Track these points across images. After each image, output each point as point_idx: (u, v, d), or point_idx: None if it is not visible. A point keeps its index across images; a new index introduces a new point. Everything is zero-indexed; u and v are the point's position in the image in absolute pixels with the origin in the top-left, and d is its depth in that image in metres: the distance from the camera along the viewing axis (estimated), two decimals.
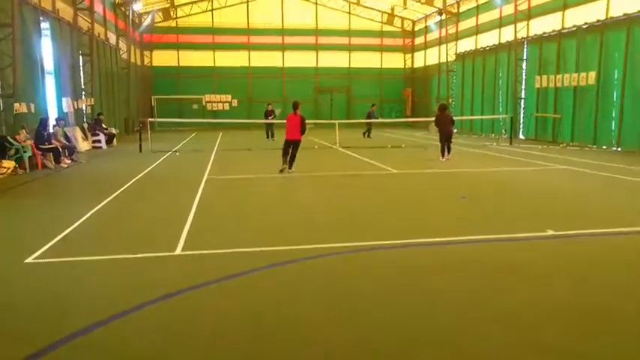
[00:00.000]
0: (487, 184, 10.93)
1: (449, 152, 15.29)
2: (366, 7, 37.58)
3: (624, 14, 18.18)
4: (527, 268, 5.39)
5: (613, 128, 18.91)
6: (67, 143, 15.96)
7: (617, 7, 18.90)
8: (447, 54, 32.30)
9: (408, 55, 39.84)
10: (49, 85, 17.82)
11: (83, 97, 21.65)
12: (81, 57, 21.69)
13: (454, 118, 16.77)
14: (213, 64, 37.01)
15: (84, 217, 7.70)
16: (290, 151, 12.62)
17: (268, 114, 24.11)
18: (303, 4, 37.70)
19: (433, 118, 17.02)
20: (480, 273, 5.20)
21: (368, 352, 3.58)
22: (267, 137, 23.55)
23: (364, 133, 24.81)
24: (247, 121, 31.12)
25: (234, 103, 36.95)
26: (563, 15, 21.99)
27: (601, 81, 19.28)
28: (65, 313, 4.26)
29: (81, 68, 21.75)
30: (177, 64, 36.63)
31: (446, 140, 15.25)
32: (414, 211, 8.42)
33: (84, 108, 21.69)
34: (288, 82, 37.53)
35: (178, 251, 5.96)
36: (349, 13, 38.24)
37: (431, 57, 36.18)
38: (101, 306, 4.36)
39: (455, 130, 15.72)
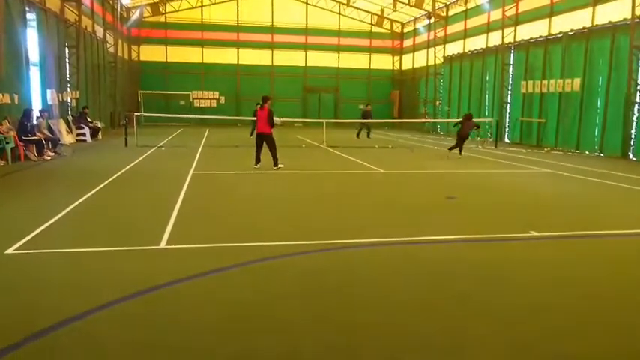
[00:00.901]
0: (472, 186, 11.04)
1: (460, 152, 16.29)
2: (356, 8, 37.69)
3: (609, 22, 18.50)
4: (509, 268, 5.46)
5: (596, 134, 19.23)
6: (50, 135, 15.76)
7: (602, 15, 19.23)
8: (435, 57, 32.54)
9: (397, 57, 40.04)
10: (34, 76, 17.58)
11: (68, 89, 21.41)
12: (67, 49, 21.45)
13: (436, 119, 17.06)
14: (201, 61, 36.83)
15: (66, 210, 7.61)
16: (262, 146, 12.81)
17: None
18: (293, 3, 37.68)
19: (423, 120, 17.17)
20: (463, 272, 5.26)
21: (351, 348, 3.61)
22: (251, 135, 23.52)
23: (359, 134, 24.79)
24: (234, 118, 31.00)
25: (222, 100, 36.83)
26: (549, 21, 22.30)
27: (585, 87, 19.59)
28: (44, 305, 4.20)
29: (67, 60, 21.50)
30: (165, 60, 36.37)
31: (462, 141, 16.24)
32: (400, 210, 8.47)
33: (69, 100, 21.45)
34: (277, 80, 37.50)
35: (163, 245, 5.93)
36: (339, 13, 38.31)
37: (419, 59, 36.41)
38: (82, 298, 4.32)
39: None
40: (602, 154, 18.54)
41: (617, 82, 18.03)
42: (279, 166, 12.68)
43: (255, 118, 23.37)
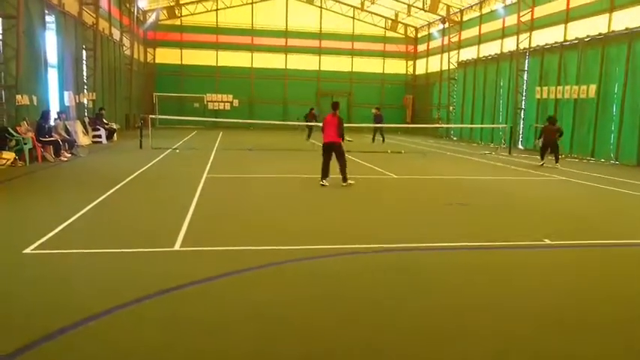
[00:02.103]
0: (486, 192, 10.98)
1: (556, 161, 16.09)
2: (370, 12, 37.73)
3: (626, 28, 18.31)
4: (523, 276, 5.43)
5: (612, 141, 19.02)
6: (67, 137, 15.99)
7: (619, 21, 19.04)
8: (449, 62, 32.45)
9: (410, 62, 40.01)
10: (52, 78, 17.85)
11: (85, 91, 21.70)
12: (84, 51, 21.76)
13: (444, 124, 16.93)
14: (215, 64, 37.12)
15: (83, 211, 7.72)
16: (331, 158, 11.02)
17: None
18: (308, 8, 37.85)
19: (437, 125, 17.10)
20: (477, 278, 5.25)
21: (371, 352, 3.62)
22: (308, 139, 24.33)
23: (374, 138, 24.83)
24: (249, 122, 31.20)
25: (236, 103, 37.06)
26: (565, 27, 22.12)
27: (601, 94, 19.39)
28: (61, 305, 4.28)
29: (84, 62, 21.80)
30: (180, 63, 36.73)
31: (550, 149, 16.13)
32: (411, 216, 8.46)
33: (85, 102, 21.73)
34: (290, 84, 37.66)
35: (177, 247, 6.00)
36: (353, 18, 38.40)
37: (433, 64, 36.32)
38: (98, 298, 4.39)
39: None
40: (617, 162, 18.33)
41: (634, 89, 17.83)
42: (350, 182, 10.97)
43: (309, 123, 23.01)
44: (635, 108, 17.64)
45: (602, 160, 19.08)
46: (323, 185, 10.84)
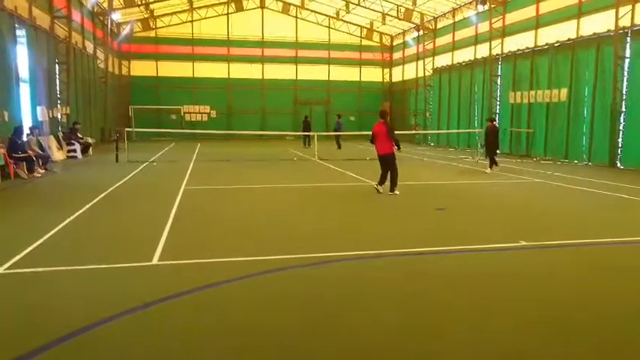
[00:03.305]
0: (462, 197, 11.12)
1: (495, 164, 15.46)
2: (346, 21, 38.06)
3: (594, 33, 18.84)
4: (500, 278, 5.50)
5: (584, 143, 19.47)
6: (40, 152, 15.68)
7: (587, 26, 19.58)
8: (424, 69, 32.88)
9: (387, 70, 40.41)
10: (24, 93, 17.54)
11: (59, 105, 21.36)
12: (57, 65, 21.44)
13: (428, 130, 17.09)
14: (192, 75, 36.92)
15: (57, 227, 7.58)
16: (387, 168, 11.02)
17: None
18: (283, 17, 37.99)
19: (414, 132, 17.24)
20: (453, 283, 5.30)
21: None
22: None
23: (339, 145, 25.20)
24: (226, 132, 31.03)
25: (213, 114, 36.88)
26: (535, 33, 22.64)
27: (572, 97, 19.87)
28: (36, 325, 4.18)
29: (57, 76, 21.48)
30: (155, 74, 36.42)
31: (492, 151, 15.48)
32: (391, 222, 8.51)
33: (59, 117, 21.38)
34: (268, 94, 37.67)
35: (155, 261, 5.92)
36: (329, 27, 38.66)
37: (409, 71, 36.75)
38: (74, 317, 4.30)
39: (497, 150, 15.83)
40: (590, 163, 18.76)
41: (603, 92, 18.32)
42: (396, 192, 10.99)
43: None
44: (605, 110, 18.12)
45: (576, 161, 19.51)
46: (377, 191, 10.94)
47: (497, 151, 15.65)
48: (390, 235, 7.52)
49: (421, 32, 32.82)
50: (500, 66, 25.17)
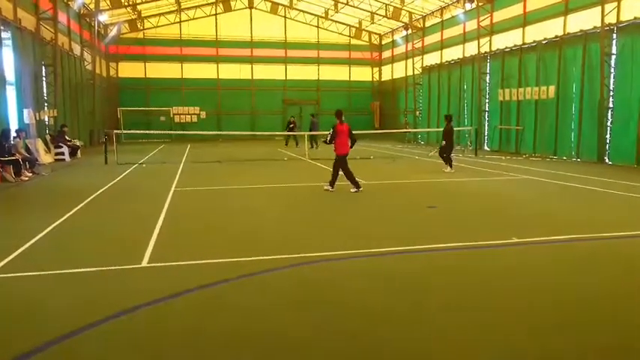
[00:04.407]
0: (453, 194, 11.14)
1: (450, 165, 15.21)
2: (334, 21, 38.05)
3: (580, 30, 18.98)
4: (493, 275, 5.51)
5: (572, 140, 19.61)
6: (27, 155, 15.49)
7: (573, 24, 19.74)
8: (413, 67, 32.97)
9: (376, 69, 40.47)
10: (10, 95, 17.32)
11: (46, 108, 21.13)
12: (44, 67, 21.21)
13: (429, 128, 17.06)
14: (181, 76, 36.71)
15: (45, 231, 7.48)
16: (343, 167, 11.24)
17: None
18: (272, 18, 37.89)
19: (404, 130, 17.23)
20: (447, 280, 5.29)
21: None
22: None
23: (313, 145, 24.59)
24: (216, 133, 30.89)
25: (203, 115, 36.69)
26: (523, 31, 22.79)
27: (560, 94, 20.01)
28: (24, 329, 4.11)
29: (44, 79, 21.25)
30: (144, 76, 36.17)
31: (449, 150, 15.18)
32: (383, 220, 8.50)
33: (46, 119, 21.15)
34: (257, 94, 37.57)
35: (144, 263, 5.86)
36: (317, 26, 38.63)
37: (398, 70, 36.83)
38: (63, 321, 4.24)
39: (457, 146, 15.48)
40: (579, 159, 18.90)
41: (591, 89, 18.47)
42: (331, 189, 11.32)
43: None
44: (593, 107, 18.27)
45: (565, 157, 19.65)
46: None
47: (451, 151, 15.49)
48: (383, 234, 7.51)
49: (410, 31, 32.90)
50: (488, 64, 25.30)
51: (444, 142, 15.24)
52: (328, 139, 11.62)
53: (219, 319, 4.30)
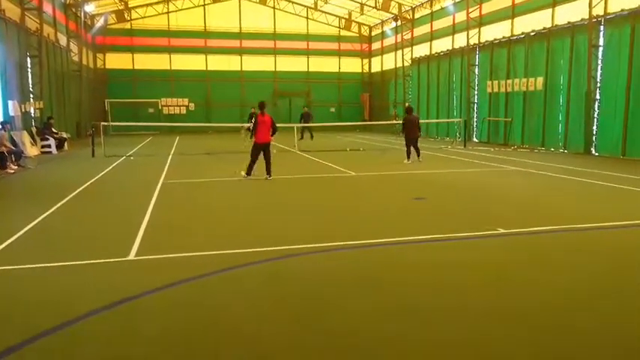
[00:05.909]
0: (441, 186, 11.20)
1: (418, 155, 15.66)
2: (324, 12, 37.87)
3: (568, 22, 19.07)
4: (479, 265, 5.56)
5: (560, 131, 19.78)
6: (13, 148, 15.32)
7: (561, 15, 19.84)
8: (402, 59, 32.94)
9: (366, 60, 40.39)
10: None
11: (31, 100, 20.84)
12: (29, 58, 20.90)
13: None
14: (169, 68, 36.37)
15: (31, 224, 7.41)
16: (262, 155, 12.07)
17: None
18: (261, 9, 37.62)
19: (393, 122, 17.29)
20: (433, 271, 5.34)
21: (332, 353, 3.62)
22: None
23: (302, 136, 24.53)
24: (205, 125, 30.71)
25: (192, 106, 36.45)
26: (512, 22, 22.86)
27: (548, 86, 20.13)
28: (11, 323, 4.09)
29: (29, 70, 20.94)
30: (132, 67, 35.76)
31: (412, 143, 15.60)
32: (371, 212, 8.53)
33: (32, 111, 20.87)
34: (247, 86, 37.34)
35: (132, 256, 5.84)
36: (307, 18, 38.42)
37: (387, 62, 36.79)
38: (48, 314, 4.22)
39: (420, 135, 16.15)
40: (566, 151, 19.08)
41: (578, 80, 18.60)
42: (247, 176, 12.10)
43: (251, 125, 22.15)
44: (580, 98, 18.41)
45: (552, 149, 19.82)
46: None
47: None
48: (367, 226, 7.54)
49: (399, 22, 32.85)
50: (477, 55, 25.36)
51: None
52: (251, 128, 12.43)
53: (205, 312, 4.30)
